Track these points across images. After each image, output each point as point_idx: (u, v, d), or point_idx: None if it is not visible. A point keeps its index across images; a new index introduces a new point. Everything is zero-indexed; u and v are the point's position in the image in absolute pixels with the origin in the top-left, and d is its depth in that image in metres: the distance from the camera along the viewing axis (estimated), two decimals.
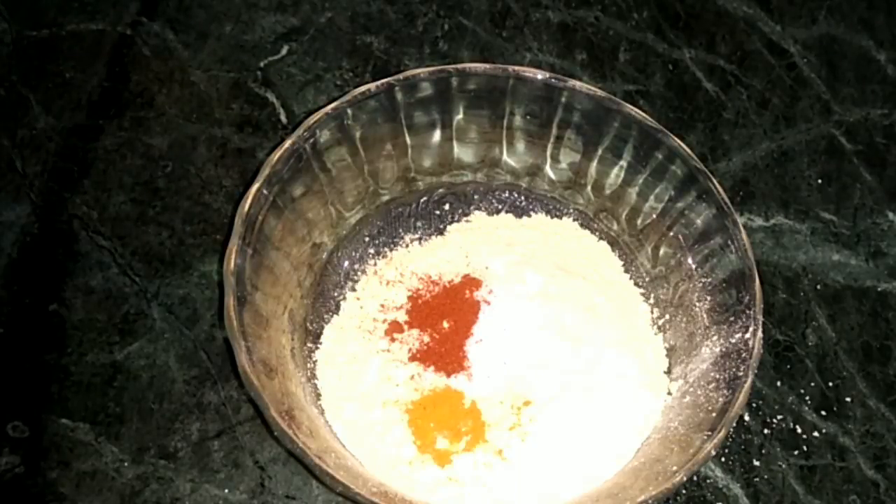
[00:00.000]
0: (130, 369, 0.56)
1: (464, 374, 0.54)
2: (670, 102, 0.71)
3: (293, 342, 0.54)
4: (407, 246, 0.61)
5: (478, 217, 0.62)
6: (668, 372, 0.56)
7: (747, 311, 0.52)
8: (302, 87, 0.68)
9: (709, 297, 0.55)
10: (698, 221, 0.56)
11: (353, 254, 0.60)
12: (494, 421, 0.53)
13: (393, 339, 0.56)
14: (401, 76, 0.57)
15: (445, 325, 0.56)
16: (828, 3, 0.78)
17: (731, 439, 0.56)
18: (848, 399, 0.59)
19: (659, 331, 0.58)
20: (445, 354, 0.55)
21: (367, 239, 0.60)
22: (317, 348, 0.56)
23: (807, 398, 0.58)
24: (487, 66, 0.58)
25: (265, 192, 0.52)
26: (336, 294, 0.58)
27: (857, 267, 0.64)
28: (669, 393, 0.54)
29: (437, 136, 0.60)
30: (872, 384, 0.59)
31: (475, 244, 0.60)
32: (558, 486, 0.51)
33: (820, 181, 0.68)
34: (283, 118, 0.67)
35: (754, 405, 0.57)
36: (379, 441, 0.52)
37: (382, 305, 0.57)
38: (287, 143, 0.54)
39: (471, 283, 0.58)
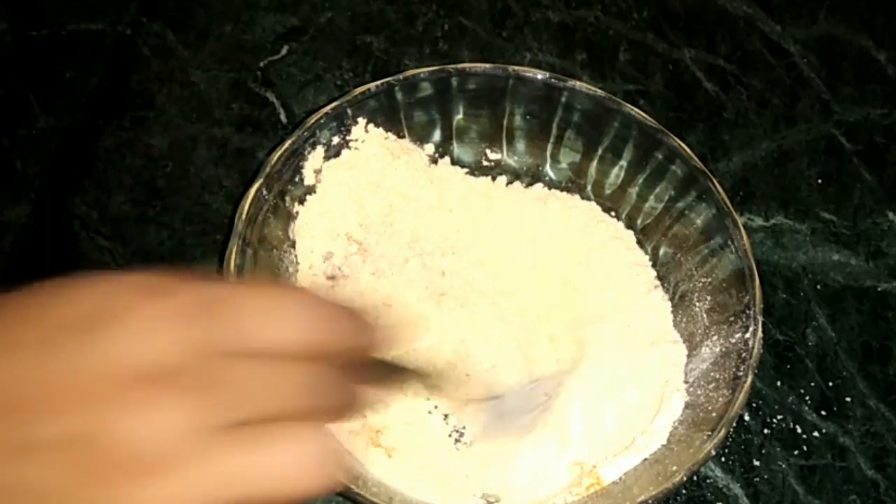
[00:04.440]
0: None
1: None
2: (670, 102, 0.70)
3: None
4: None
5: None
6: None
7: (747, 311, 0.52)
8: (302, 87, 0.68)
9: (709, 297, 0.55)
10: (698, 221, 0.56)
11: None
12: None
13: None
14: (401, 76, 0.57)
15: None
16: (828, 3, 0.77)
17: (731, 439, 0.56)
18: (848, 399, 0.58)
19: None
20: None
21: None
22: None
23: (807, 398, 0.58)
24: (487, 66, 0.58)
25: (265, 192, 0.52)
26: None
27: (857, 267, 0.64)
28: None
29: (437, 136, 0.60)
30: (872, 384, 0.59)
31: None
32: (559, 486, 0.51)
33: (820, 181, 0.68)
34: (283, 118, 0.67)
35: (754, 405, 0.57)
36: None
37: None
38: (287, 143, 0.54)
39: None
